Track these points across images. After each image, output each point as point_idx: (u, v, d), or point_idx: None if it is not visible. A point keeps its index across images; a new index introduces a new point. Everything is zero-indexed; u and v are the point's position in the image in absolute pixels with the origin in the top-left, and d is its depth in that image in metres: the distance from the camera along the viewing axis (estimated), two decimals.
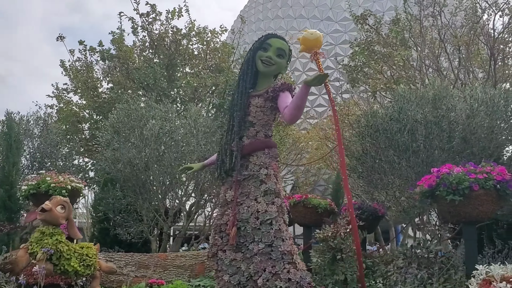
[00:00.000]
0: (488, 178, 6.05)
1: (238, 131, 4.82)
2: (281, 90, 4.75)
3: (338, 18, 40.94)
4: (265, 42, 4.95)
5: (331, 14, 41.79)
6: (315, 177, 26.43)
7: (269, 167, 4.72)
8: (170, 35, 15.06)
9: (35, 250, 5.06)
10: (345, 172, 4.29)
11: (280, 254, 4.37)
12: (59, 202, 5.28)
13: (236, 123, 4.84)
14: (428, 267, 6.74)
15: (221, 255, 4.70)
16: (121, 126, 10.53)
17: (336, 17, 41.21)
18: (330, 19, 41.42)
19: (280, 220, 4.53)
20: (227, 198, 4.79)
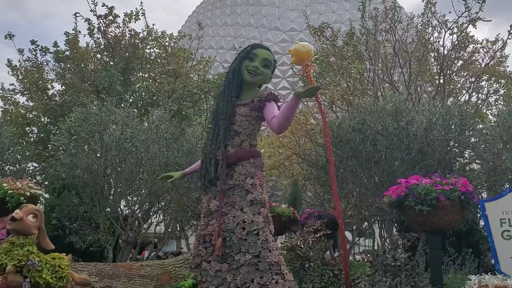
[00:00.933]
0: (454, 190, 6.33)
1: (223, 140, 4.80)
2: (267, 100, 4.78)
3: (285, 28, 41.62)
4: (251, 52, 4.97)
5: (279, 24, 42.40)
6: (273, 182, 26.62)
7: (254, 176, 4.72)
8: (127, 38, 14.73)
9: (3, 262, 4.77)
10: (335, 183, 4.36)
11: (268, 265, 4.36)
12: (30, 211, 5.01)
13: (221, 132, 4.81)
14: (395, 275, 6.97)
15: (205, 266, 4.64)
16: (79, 130, 10.16)
17: (283, 27, 41.89)
18: (278, 29, 42.00)
19: (266, 230, 4.53)
20: (211, 208, 4.74)
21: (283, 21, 40.73)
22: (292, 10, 41.41)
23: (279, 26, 39.61)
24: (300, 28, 38.55)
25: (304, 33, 38.22)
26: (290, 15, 41.72)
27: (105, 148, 9.68)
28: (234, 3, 45.38)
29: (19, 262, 4.75)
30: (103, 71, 14.06)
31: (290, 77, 34.47)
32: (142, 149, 9.98)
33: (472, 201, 6.46)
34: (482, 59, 15.59)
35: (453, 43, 14.35)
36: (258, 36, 41.35)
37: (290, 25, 39.77)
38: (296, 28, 38.84)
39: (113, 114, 10.24)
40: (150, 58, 15.44)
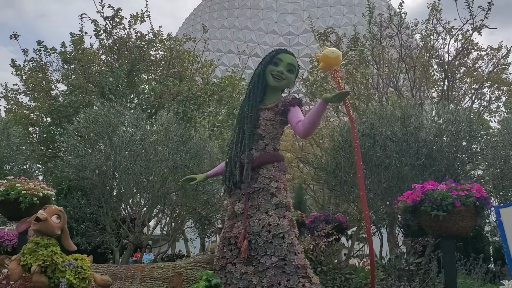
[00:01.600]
0: (469, 195, 6.39)
1: (249, 143, 4.83)
2: (291, 104, 4.83)
3: (283, 32, 41.73)
4: (275, 57, 5.02)
5: (276, 28, 42.54)
6: None
7: (279, 180, 4.76)
8: (133, 39, 14.73)
9: (28, 262, 4.76)
10: (363, 188, 4.40)
11: (294, 268, 4.39)
12: (54, 212, 5.01)
13: (246, 136, 4.84)
14: (409, 279, 7.01)
15: (230, 268, 4.67)
16: (88, 131, 10.14)
17: (281, 31, 42.02)
18: (275, 32, 42.14)
19: (292, 233, 4.57)
20: (236, 211, 4.77)
21: (280, 24, 40.83)
22: (290, 14, 41.52)
23: (277, 30, 39.71)
24: (298, 32, 38.68)
25: (301, 37, 38.40)
26: (287, 18, 41.82)
27: (114, 149, 9.67)
28: (231, 6, 45.48)
29: (43, 263, 4.75)
30: (109, 72, 14.04)
31: None
32: (151, 151, 9.97)
33: (487, 207, 6.53)
34: (485, 66, 15.70)
35: (457, 50, 14.44)
36: (255, 39, 41.50)
37: (288, 29, 39.86)
38: (293, 31, 38.95)
39: (123, 116, 10.24)
40: (155, 60, 15.43)
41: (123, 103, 10.88)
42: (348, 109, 4.51)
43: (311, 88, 17.50)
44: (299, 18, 41.59)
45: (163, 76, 15.23)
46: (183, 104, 15.25)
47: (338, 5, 43.49)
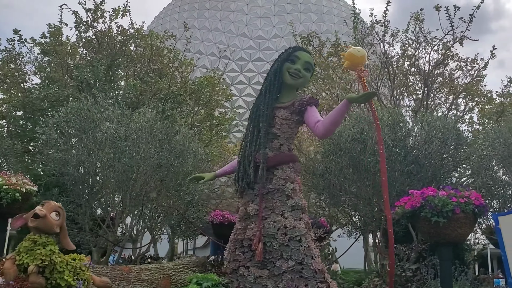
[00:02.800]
0: (468, 202, 6.42)
1: (264, 142, 4.67)
2: (309, 104, 4.70)
3: (253, 35, 41.68)
4: (292, 54, 4.88)
5: (246, 31, 42.45)
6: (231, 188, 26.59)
7: (294, 181, 4.62)
8: (114, 34, 14.30)
9: (24, 261, 4.43)
10: (387, 192, 4.30)
11: (312, 273, 4.25)
12: (53, 208, 4.69)
13: (262, 134, 4.68)
14: (404, 285, 6.99)
15: (243, 271, 4.48)
16: (70, 126, 9.72)
17: (251, 34, 41.95)
18: (245, 35, 42.02)
19: (308, 237, 4.43)
20: (250, 212, 4.60)
21: (250, 28, 40.66)
22: (260, 18, 41.41)
23: (247, 33, 39.51)
24: (268, 36, 38.58)
25: (271, 41, 38.29)
26: (258, 22, 41.69)
27: (98, 145, 9.29)
28: (202, 7, 45.09)
29: (42, 262, 4.43)
30: (88, 66, 13.56)
31: None
32: (136, 149, 9.64)
33: (486, 214, 6.58)
34: (463, 77, 16.04)
35: (438, 59, 14.69)
36: (225, 41, 41.21)
37: (258, 33, 39.75)
38: (263, 36, 38.89)
39: (106, 111, 9.87)
40: (135, 56, 15.02)
41: (107, 98, 10.48)
42: (373, 111, 4.41)
43: None
44: (269, 22, 41.51)
45: (143, 73, 14.86)
46: (162, 102, 14.94)
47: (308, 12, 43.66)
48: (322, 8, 42.51)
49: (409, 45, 15.41)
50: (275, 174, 4.62)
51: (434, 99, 16.90)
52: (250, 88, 37.32)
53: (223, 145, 19.27)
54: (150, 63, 15.44)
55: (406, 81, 15.04)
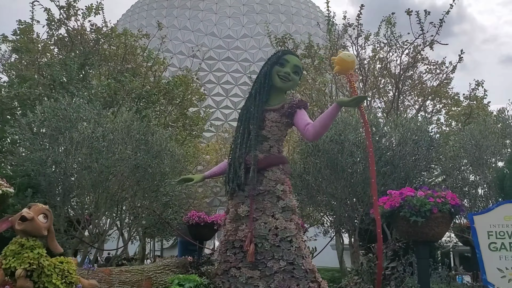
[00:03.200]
0: (445, 202, 6.66)
1: (255, 144, 4.73)
2: (298, 107, 4.80)
3: (222, 35, 41.62)
4: (282, 58, 4.97)
5: (215, 30, 42.40)
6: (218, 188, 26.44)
7: (284, 183, 4.70)
8: (88, 32, 14.07)
9: (11, 265, 4.35)
10: (376, 193, 4.43)
11: (303, 273, 4.35)
12: (41, 210, 4.61)
13: (252, 136, 4.74)
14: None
15: (234, 272, 4.53)
16: (46, 125, 9.53)
17: (220, 34, 41.89)
18: (214, 35, 41.95)
19: (299, 237, 4.52)
20: (240, 213, 4.65)
21: (219, 27, 40.57)
22: (229, 17, 41.36)
23: (216, 32, 39.43)
24: (237, 36, 38.66)
25: (240, 41, 38.36)
26: (227, 22, 41.60)
27: (75, 146, 9.14)
28: (171, 6, 44.72)
29: (29, 266, 4.36)
30: (60, 65, 13.29)
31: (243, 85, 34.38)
32: (114, 149, 9.53)
33: (460, 213, 6.84)
34: (432, 80, 16.51)
35: (408, 62, 15.08)
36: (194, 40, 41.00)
37: (227, 32, 39.72)
38: (232, 35, 38.93)
39: (83, 111, 9.72)
40: (109, 55, 14.81)
41: (83, 98, 10.32)
42: (363, 114, 4.54)
43: None
44: (238, 22, 41.51)
45: (117, 72, 14.66)
46: (136, 102, 14.80)
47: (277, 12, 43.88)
48: (291, 9, 42.82)
49: (381, 48, 15.78)
50: (265, 176, 4.69)
51: (404, 101, 17.36)
52: (219, 87, 37.30)
53: (196, 145, 19.23)
54: (123, 62, 15.25)
55: (377, 83, 15.38)
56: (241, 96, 34.46)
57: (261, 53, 36.49)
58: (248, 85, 36.10)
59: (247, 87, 35.62)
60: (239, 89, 35.32)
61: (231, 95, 35.15)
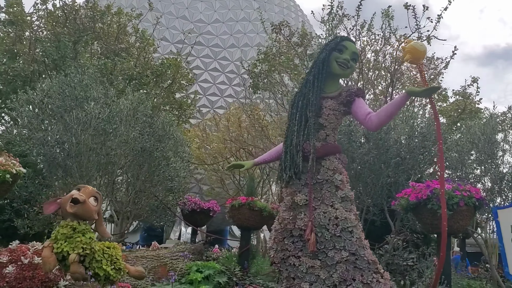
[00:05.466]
0: (470, 196, 6.74)
1: (314, 133, 4.62)
2: (357, 95, 4.70)
3: (193, 19, 40.92)
4: (340, 44, 4.84)
5: (187, 13, 41.60)
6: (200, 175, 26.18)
7: (342, 173, 4.61)
8: (83, 9, 13.53)
9: (64, 250, 4.12)
10: (443, 186, 4.40)
11: (366, 263, 4.28)
12: (91, 193, 4.39)
13: (311, 125, 4.62)
14: (403, 275, 7.24)
15: (294, 261, 4.42)
16: (49, 103, 9.12)
17: (191, 17, 41.19)
18: (185, 18, 41.16)
19: (359, 228, 4.45)
20: (298, 202, 4.53)
21: (191, 11, 39.84)
22: (201, 1, 40.57)
23: (187, 16, 38.74)
24: (208, 20, 38.09)
25: (211, 26, 37.84)
26: (199, 6, 40.85)
27: (81, 126, 8.79)
28: None
29: (83, 251, 4.16)
30: (53, 41, 12.76)
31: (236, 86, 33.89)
32: (121, 131, 9.23)
33: (484, 207, 6.94)
34: None
35: None
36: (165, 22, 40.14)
37: (199, 16, 39.10)
38: (204, 20, 38.35)
39: (90, 90, 9.36)
40: (102, 33, 14.31)
41: (93, 76, 9.92)
42: (433, 106, 4.49)
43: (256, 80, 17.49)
44: (210, 7, 40.84)
45: (110, 51, 14.21)
46: (127, 83, 14.43)
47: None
48: None
49: (376, 40, 15.83)
50: (322, 165, 4.58)
51: (397, 94, 17.54)
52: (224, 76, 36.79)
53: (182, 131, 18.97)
54: (116, 41, 14.79)
55: (372, 75, 15.46)
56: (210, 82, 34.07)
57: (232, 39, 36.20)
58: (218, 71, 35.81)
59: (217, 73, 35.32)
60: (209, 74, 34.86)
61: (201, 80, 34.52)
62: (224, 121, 21.22)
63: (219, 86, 34.61)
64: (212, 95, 34.13)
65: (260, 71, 17.37)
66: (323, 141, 4.67)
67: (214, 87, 34.46)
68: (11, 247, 5.43)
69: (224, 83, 35.12)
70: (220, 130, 19.93)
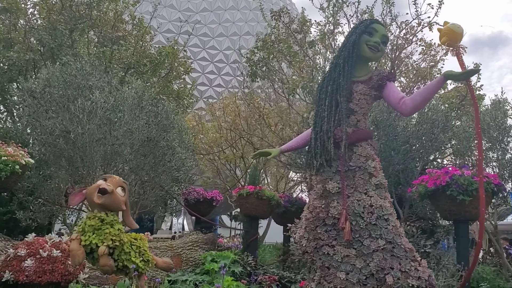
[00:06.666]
0: (489, 182, 6.69)
1: (346, 118, 4.48)
2: (388, 79, 4.58)
3: (181, 8, 40.51)
4: (370, 26, 4.72)
5: (174, 2, 41.04)
6: None
7: (375, 159, 4.50)
8: None
9: (92, 242, 3.96)
10: (481, 172, 4.30)
11: (403, 252, 4.19)
12: (118, 183, 4.22)
13: (343, 110, 4.49)
14: None
15: (328, 250, 4.31)
16: (51, 92, 8.87)
17: (179, 6, 40.76)
18: (173, 7, 40.73)
19: (394, 215, 4.35)
20: (330, 190, 4.41)
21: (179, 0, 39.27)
22: None
23: (175, 4, 38.16)
24: (197, 9, 37.59)
25: (199, 14, 37.39)
26: None
27: (87, 116, 8.56)
28: None
29: (112, 243, 4.00)
30: (48, 29, 12.42)
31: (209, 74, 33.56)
32: (126, 120, 9.01)
33: (503, 193, 6.90)
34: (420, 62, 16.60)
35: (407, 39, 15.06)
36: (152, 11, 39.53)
37: (186, 5, 38.59)
38: (192, 8, 37.83)
39: (93, 78, 9.12)
40: (99, 20, 13.97)
41: (94, 65, 9.67)
42: (471, 89, 4.36)
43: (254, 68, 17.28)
44: None
45: (107, 40, 13.89)
46: (124, 72, 14.16)
47: None
48: None
49: None
50: (354, 151, 4.46)
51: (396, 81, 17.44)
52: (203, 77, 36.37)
53: None
54: (113, 29, 14.47)
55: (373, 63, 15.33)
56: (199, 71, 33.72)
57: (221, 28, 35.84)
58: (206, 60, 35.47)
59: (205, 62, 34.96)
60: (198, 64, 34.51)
61: None
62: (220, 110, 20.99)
63: (208, 76, 34.28)
64: (201, 85, 33.80)
65: (259, 59, 17.17)
66: (354, 126, 4.54)
67: (203, 77, 34.12)
68: (28, 240, 5.25)
69: (213, 72, 34.79)
70: (216, 120, 19.70)
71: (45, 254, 5.01)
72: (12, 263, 4.95)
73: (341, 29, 15.78)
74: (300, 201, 11.08)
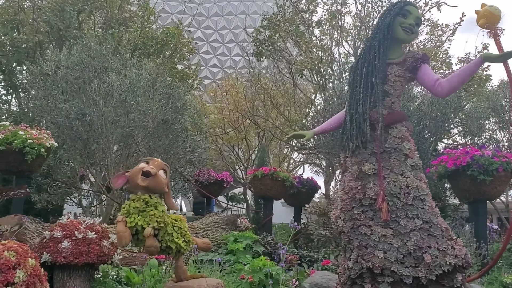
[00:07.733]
0: (509, 162, 6.78)
1: (381, 100, 4.53)
2: (423, 61, 4.61)
3: None
4: (404, 8, 4.72)
5: None
6: None
7: (410, 141, 4.55)
8: None
9: (138, 224, 4.02)
10: None
11: (440, 231, 4.27)
12: (161, 166, 4.26)
13: (378, 91, 4.52)
14: None
15: (365, 230, 4.38)
16: (68, 74, 8.85)
17: None
18: None
19: (430, 196, 4.43)
20: (366, 171, 4.47)
21: None
22: None
23: None
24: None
25: None
26: None
27: (103, 98, 8.55)
28: None
29: (157, 224, 4.07)
30: (56, 10, 12.30)
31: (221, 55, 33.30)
32: (141, 103, 9.01)
33: None
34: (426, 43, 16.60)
35: None
36: None
37: None
38: None
39: (108, 61, 9.08)
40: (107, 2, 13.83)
41: (110, 46, 9.61)
42: (508, 71, 4.40)
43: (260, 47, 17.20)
44: None
45: (114, 21, 13.78)
46: (131, 54, 14.07)
47: None
48: None
49: (382, 7, 15.61)
50: (389, 133, 4.50)
51: None
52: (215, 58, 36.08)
53: None
54: (119, 10, 14.34)
55: None
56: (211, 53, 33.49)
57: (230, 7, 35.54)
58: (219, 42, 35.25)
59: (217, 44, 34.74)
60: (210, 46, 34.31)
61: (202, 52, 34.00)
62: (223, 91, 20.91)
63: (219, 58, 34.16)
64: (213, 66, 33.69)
65: (265, 38, 17.07)
66: (389, 108, 4.58)
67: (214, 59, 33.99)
68: (62, 222, 5.31)
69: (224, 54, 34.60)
70: (219, 101, 19.67)
71: (80, 236, 5.07)
72: (49, 245, 5.01)
73: (348, 9, 15.77)
74: (312, 182, 11.17)
